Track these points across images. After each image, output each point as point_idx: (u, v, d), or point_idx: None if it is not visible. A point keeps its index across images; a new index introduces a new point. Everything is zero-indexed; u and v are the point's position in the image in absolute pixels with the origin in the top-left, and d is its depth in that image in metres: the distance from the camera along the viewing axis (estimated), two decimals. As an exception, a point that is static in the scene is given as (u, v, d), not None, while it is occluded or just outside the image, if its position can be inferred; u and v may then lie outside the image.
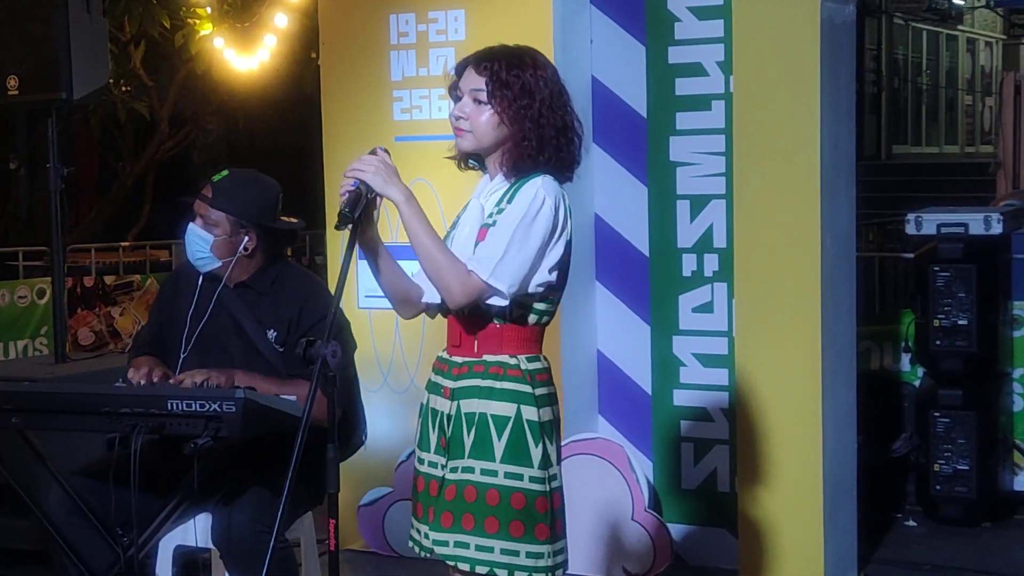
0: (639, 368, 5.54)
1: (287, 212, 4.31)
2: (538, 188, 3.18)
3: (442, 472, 3.27)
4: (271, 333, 4.08)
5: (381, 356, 5.66)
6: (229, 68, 12.06)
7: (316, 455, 3.30)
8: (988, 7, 24.70)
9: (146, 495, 3.69)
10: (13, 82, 5.53)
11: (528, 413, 3.20)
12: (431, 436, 3.31)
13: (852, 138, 5.13)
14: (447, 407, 3.27)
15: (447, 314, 3.31)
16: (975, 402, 6.01)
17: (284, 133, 15.70)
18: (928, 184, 16.27)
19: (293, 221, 4.28)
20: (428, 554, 3.30)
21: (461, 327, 3.27)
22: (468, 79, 3.26)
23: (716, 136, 5.27)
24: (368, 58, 5.67)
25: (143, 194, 14.15)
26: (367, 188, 3.17)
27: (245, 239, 4.11)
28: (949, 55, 27.58)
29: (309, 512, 4.26)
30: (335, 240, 5.66)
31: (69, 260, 10.23)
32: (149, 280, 10.78)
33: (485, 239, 3.19)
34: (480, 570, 3.19)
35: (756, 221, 4.89)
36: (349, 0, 5.75)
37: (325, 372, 3.09)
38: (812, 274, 4.81)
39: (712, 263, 5.34)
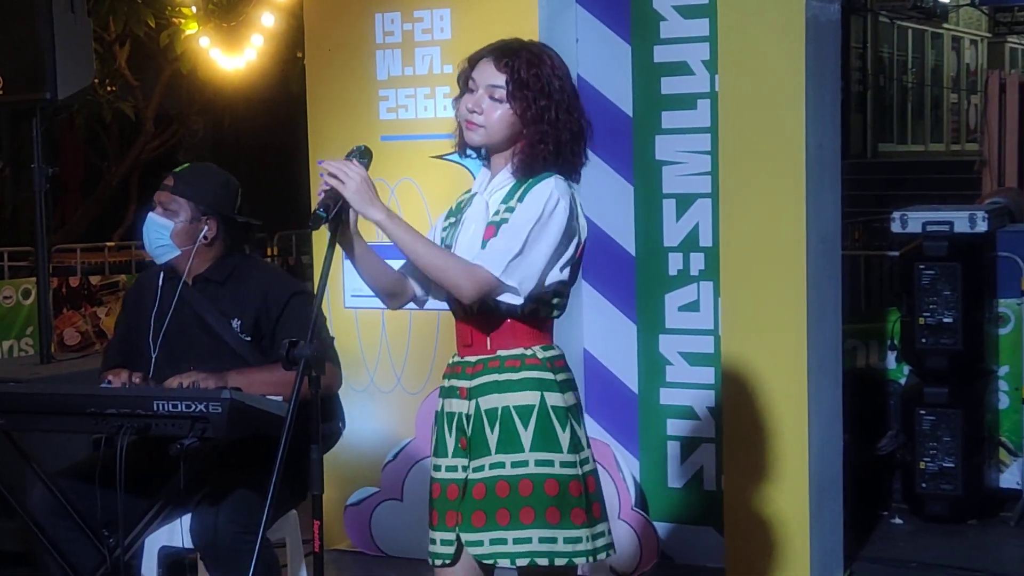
0: (625, 367, 5.54)
1: (268, 209, 4.32)
2: (551, 189, 3.17)
3: (464, 474, 3.23)
4: (235, 323, 4.08)
5: (367, 356, 5.65)
6: (215, 67, 12.05)
7: (299, 453, 3.30)
8: (973, 5, 24.75)
9: (132, 496, 3.69)
10: (-3, 82, 5.52)
11: (552, 399, 3.20)
12: (448, 441, 3.28)
13: (837, 136, 5.14)
14: (465, 407, 3.25)
15: (457, 317, 3.30)
16: (961, 400, 6.02)
17: (270, 132, 15.69)
18: (913, 182, 16.29)
19: (253, 220, 4.30)
20: (445, 560, 3.25)
21: (472, 326, 3.25)
22: (485, 73, 3.22)
23: (702, 135, 5.27)
24: (354, 57, 5.67)
25: (128, 194, 14.14)
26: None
27: (205, 227, 4.13)
28: (934, 53, 27.63)
29: (294, 511, 4.26)
30: (321, 240, 5.64)
31: (54, 260, 10.22)
32: (135, 280, 10.76)
33: (497, 236, 3.17)
34: (520, 562, 3.17)
35: (742, 220, 4.89)
36: (335, -1, 5.75)
37: (308, 372, 3.08)
38: (798, 272, 4.82)
39: (698, 262, 5.34)
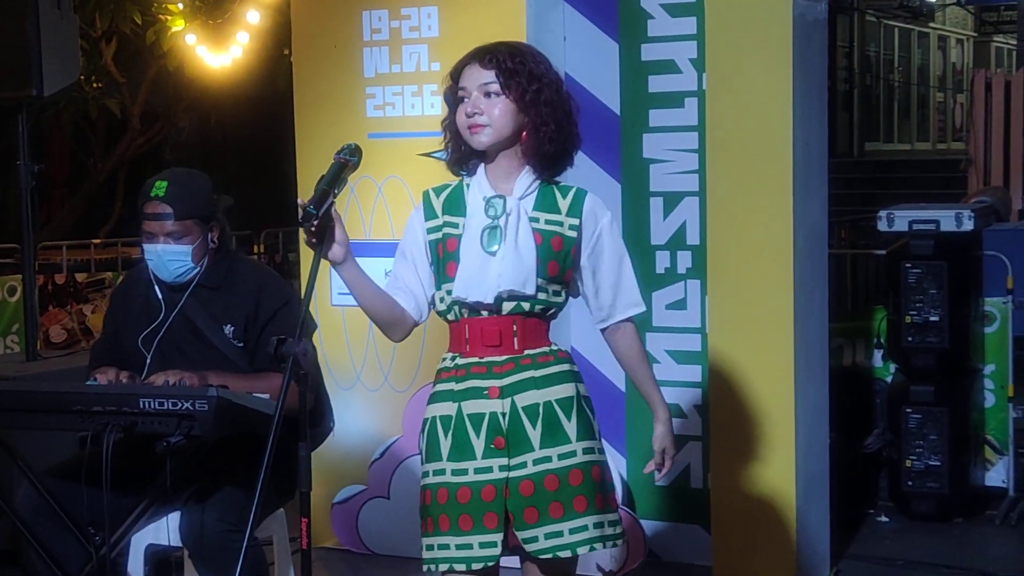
0: (613, 365, 5.49)
1: (255, 206, 4.30)
2: (608, 215, 3.35)
3: (502, 474, 3.23)
4: (228, 329, 4.05)
5: (354, 354, 5.64)
6: (201, 64, 12.03)
7: (286, 451, 3.30)
8: (959, 5, 24.82)
9: (118, 494, 3.68)
10: (-18, 79, 5.51)
11: (583, 390, 3.36)
12: (474, 443, 3.25)
13: (824, 135, 5.15)
14: (498, 406, 3.25)
15: (470, 316, 3.28)
16: (947, 398, 6.03)
17: (256, 130, 15.66)
18: (900, 181, 16.34)
19: (223, 196, 4.23)
20: (487, 563, 3.23)
21: (499, 327, 3.26)
22: (473, 76, 3.25)
23: (689, 133, 5.27)
24: (341, 54, 5.66)
25: (114, 191, 14.11)
26: (333, 189, 3.19)
27: (210, 234, 4.09)
28: (921, 52, 27.69)
29: (282, 510, 4.25)
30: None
31: (40, 257, 10.19)
32: (120, 278, 10.73)
33: (620, 279, 3.36)
34: (581, 551, 3.24)
35: (729, 218, 4.90)
36: (322, -4, 5.74)
37: (296, 370, 3.08)
38: (785, 271, 4.83)
39: (685, 260, 5.35)
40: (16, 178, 5.62)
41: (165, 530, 3.95)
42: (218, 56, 11.94)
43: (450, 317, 3.31)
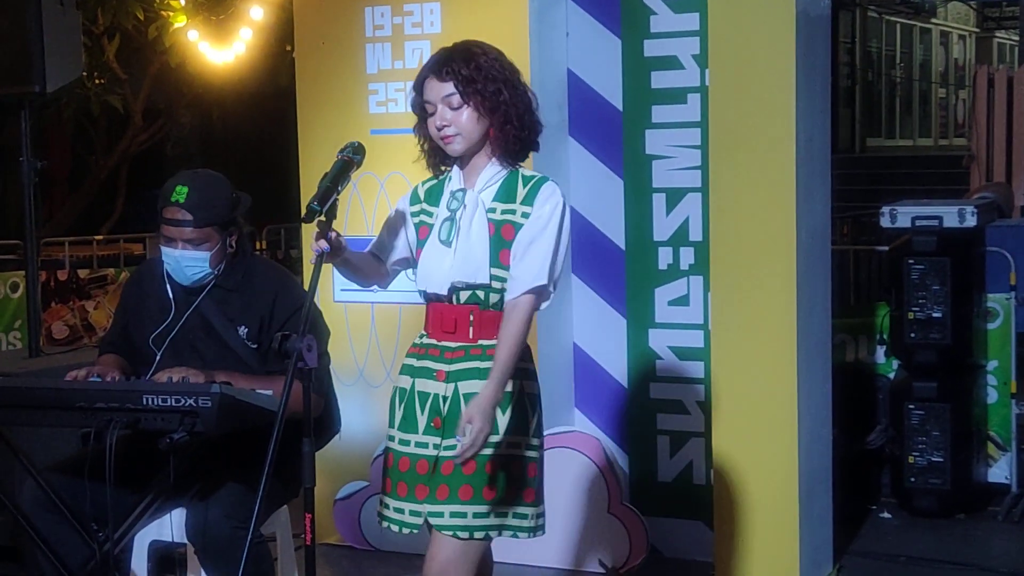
0: (615, 361, 5.55)
1: (257, 203, 4.27)
2: (559, 198, 3.42)
3: (435, 452, 3.42)
4: (242, 330, 4.03)
5: (357, 350, 5.64)
6: (203, 61, 12.03)
7: (291, 448, 3.30)
8: (961, 0, 24.80)
9: (121, 490, 3.68)
10: (-15, 75, 5.50)
11: (528, 387, 3.47)
12: (419, 418, 3.47)
13: (827, 131, 5.14)
14: (442, 389, 3.44)
15: (433, 302, 3.49)
16: (949, 394, 6.02)
17: (258, 126, 15.67)
18: (902, 177, 16.35)
19: (242, 195, 4.22)
20: (413, 530, 3.45)
21: (456, 315, 3.44)
22: (433, 90, 3.41)
23: (692, 129, 5.27)
24: (343, 51, 5.65)
25: (116, 187, 14.12)
26: (337, 186, 3.33)
27: (229, 239, 4.07)
28: (923, 48, 27.70)
29: (285, 506, 4.25)
30: (310, 234, 5.63)
31: (43, 254, 10.19)
32: (123, 274, 10.75)
33: (526, 252, 3.37)
34: (478, 536, 3.39)
35: (732, 214, 4.89)
36: (324, -7, 5.73)
37: (301, 366, 3.08)
38: (787, 267, 4.82)
39: (688, 256, 5.35)
40: (19, 174, 5.62)
41: (168, 527, 3.95)
42: (220, 52, 11.94)
43: (422, 299, 3.52)
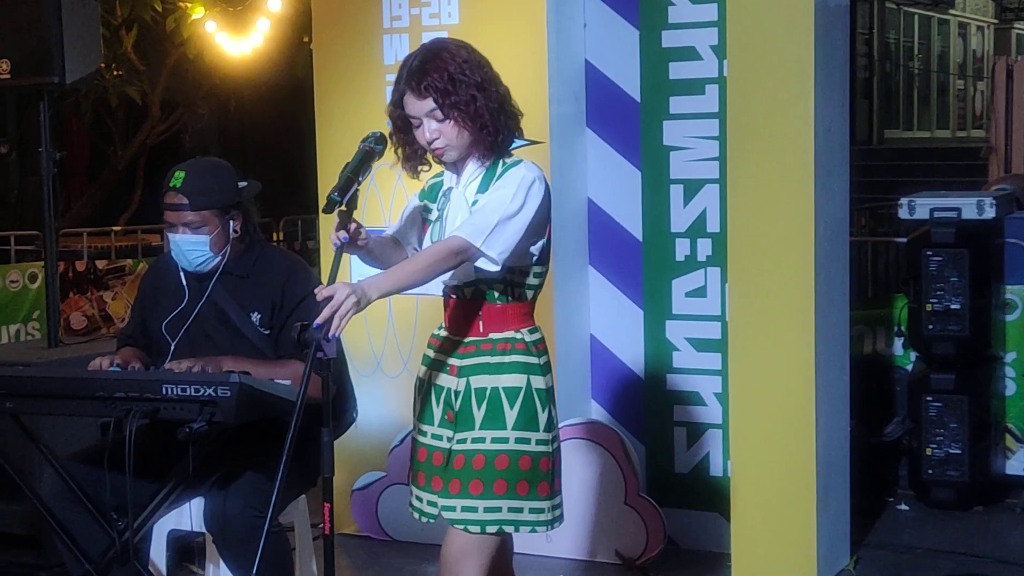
0: (632, 352, 5.55)
1: (274, 194, 4.30)
2: (524, 172, 3.41)
3: (448, 444, 3.45)
4: (255, 316, 4.07)
5: (374, 341, 5.66)
6: (221, 52, 12.05)
7: (309, 438, 3.32)
8: (980, -9, 24.71)
9: (140, 480, 3.70)
10: (5, 66, 5.51)
11: (536, 382, 3.45)
12: (435, 411, 3.51)
13: (846, 122, 5.13)
14: (455, 383, 3.46)
15: (449, 298, 3.53)
16: (967, 386, 6.01)
17: (276, 118, 15.68)
18: (920, 169, 16.28)
19: (252, 182, 4.26)
20: (431, 519, 3.50)
21: (466, 310, 3.47)
22: (414, 106, 3.42)
23: (710, 120, 5.26)
24: (361, 42, 5.66)
25: (134, 179, 14.14)
26: (357, 177, 3.34)
27: (231, 223, 4.10)
28: (941, 39, 27.59)
29: (303, 496, 4.27)
30: (327, 225, 5.65)
31: (61, 244, 10.22)
32: (141, 264, 10.78)
33: (474, 211, 3.39)
34: (490, 530, 3.40)
35: (750, 206, 4.89)
36: (342, -16, 5.73)
37: (320, 356, 3.09)
38: (805, 259, 4.81)
39: (705, 248, 5.34)
40: (36, 165, 5.63)
41: (188, 516, 3.97)
42: (238, 43, 11.95)
43: (440, 292, 3.56)
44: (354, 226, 3.30)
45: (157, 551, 4.23)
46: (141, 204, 13.87)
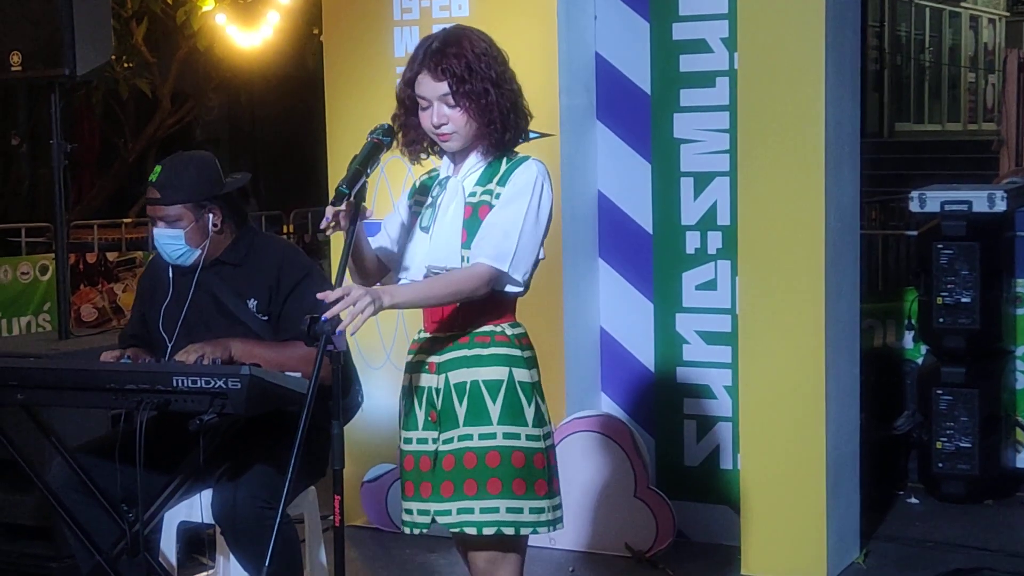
0: (642, 345, 5.55)
1: (284, 187, 4.31)
2: (535, 174, 3.33)
3: (434, 446, 3.36)
4: (252, 303, 4.09)
5: (384, 334, 5.66)
6: (231, 44, 12.06)
7: (318, 429, 3.32)
8: (991, -16, 24.64)
9: (151, 471, 3.70)
10: (16, 58, 5.51)
11: (520, 375, 3.34)
12: (418, 414, 3.42)
13: (856, 115, 5.13)
14: (434, 381, 3.38)
15: None
16: (978, 380, 6.01)
17: (286, 109, 15.68)
18: (930, 162, 16.26)
19: (238, 176, 4.28)
20: (422, 530, 3.40)
21: (443, 306, 3.35)
22: (428, 87, 3.34)
23: (720, 113, 5.26)
24: (371, 34, 5.66)
25: (145, 171, 14.14)
26: (366, 169, 3.28)
27: (210, 216, 4.11)
28: (952, 32, 27.53)
29: (313, 488, 4.27)
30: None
31: (71, 236, 10.23)
32: (151, 257, 10.78)
33: (491, 225, 3.29)
34: (487, 532, 3.30)
35: (760, 199, 4.88)
36: (352, -24, 5.73)
37: (330, 349, 3.10)
38: (816, 252, 4.81)
39: (716, 240, 5.34)
40: (47, 157, 5.64)
41: (198, 507, 3.97)
42: (248, 36, 11.97)
43: None
44: (354, 208, 3.24)
45: (167, 543, 4.24)
46: (151, 196, 13.88)
